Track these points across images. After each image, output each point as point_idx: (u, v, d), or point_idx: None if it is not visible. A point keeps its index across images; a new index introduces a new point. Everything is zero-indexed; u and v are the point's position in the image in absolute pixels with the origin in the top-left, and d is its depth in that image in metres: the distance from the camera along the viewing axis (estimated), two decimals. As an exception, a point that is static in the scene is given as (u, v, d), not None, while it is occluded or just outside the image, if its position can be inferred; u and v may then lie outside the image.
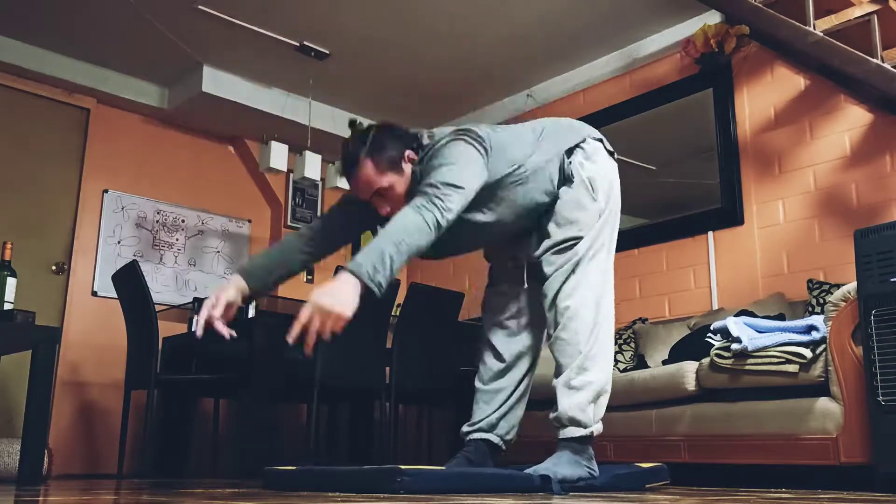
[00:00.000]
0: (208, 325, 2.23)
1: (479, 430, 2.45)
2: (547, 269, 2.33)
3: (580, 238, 2.32)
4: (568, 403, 2.22)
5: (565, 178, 2.36)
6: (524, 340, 2.50)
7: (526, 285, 2.48)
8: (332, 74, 4.96)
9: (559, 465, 2.16)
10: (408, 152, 2.25)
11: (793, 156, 3.84)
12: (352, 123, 2.31)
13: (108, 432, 4.66)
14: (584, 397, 2.23)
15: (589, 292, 2.30)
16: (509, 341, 2.50)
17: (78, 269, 4.81)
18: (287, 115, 5.16)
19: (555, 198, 2.35)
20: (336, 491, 2.05)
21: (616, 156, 2.55)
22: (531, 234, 2.42)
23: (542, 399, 2.68)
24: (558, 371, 2.30)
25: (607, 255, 2.42)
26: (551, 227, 2.34)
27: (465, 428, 2.49)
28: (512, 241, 2.49)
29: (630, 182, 4.68)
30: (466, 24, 4.38)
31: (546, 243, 2.34)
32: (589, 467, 2.21)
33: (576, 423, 2.22)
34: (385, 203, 2.24)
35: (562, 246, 2.32)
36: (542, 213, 2.37)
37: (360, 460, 4.47)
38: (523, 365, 2.51)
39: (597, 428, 2.25)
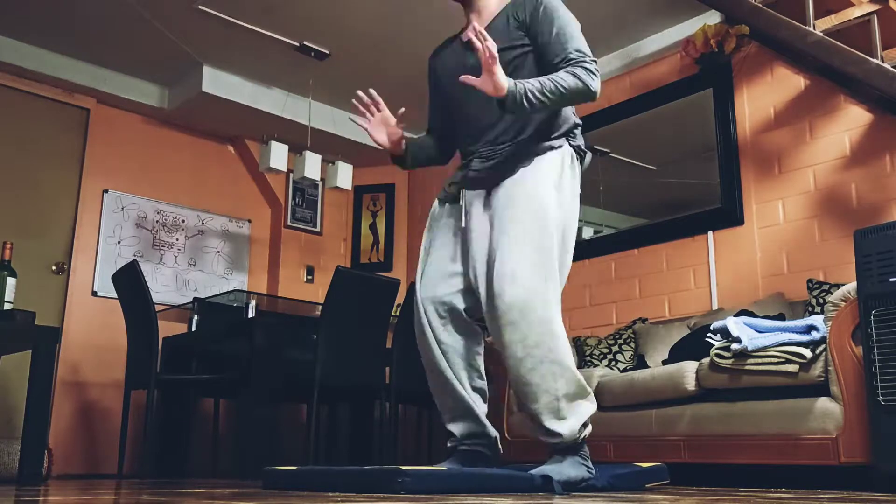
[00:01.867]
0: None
1: (469, 443, 2.43)
2: (502, 265, 2.18)
3: (533, 228, 2.20)
4: (564, 433, 2.16)
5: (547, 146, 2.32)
6: (470, 340, 2.40)
7: (464, 223, 2.35)
8: (332, 74, 4.96)
9: (562, 468, 2.15)
10: None
11: (793, 156, 3.84)
12: None
13: (108, 432, 4.67)
14: (578, 420, 2.19)
15: (554, 303, 2.18)
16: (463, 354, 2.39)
17: (78, 269, 4.82)
18: (287, 115, 5.17)
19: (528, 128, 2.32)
20: (336, 491, 2.05)
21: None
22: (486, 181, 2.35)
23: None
24: (535, 394, 2.16)
25: (565, 266, 2.31)
26: (507, 194, 2.27)
27: (450, 444, 2.47)
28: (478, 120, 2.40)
29: (630, 182, 4.73)
30: (466, 24, 4.38)
31: (499, 211, 2.26)
32: (587, 466, 2.21)
33: (572, 438, 2.20)
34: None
35: (517, 234, 2.20)
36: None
37: (360, 460, 4.47)
38: (481, 377, 2.43)
39: (588, 430, 2.24)
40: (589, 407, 2.22)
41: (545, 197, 2.25)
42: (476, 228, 2.32)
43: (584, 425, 2.21)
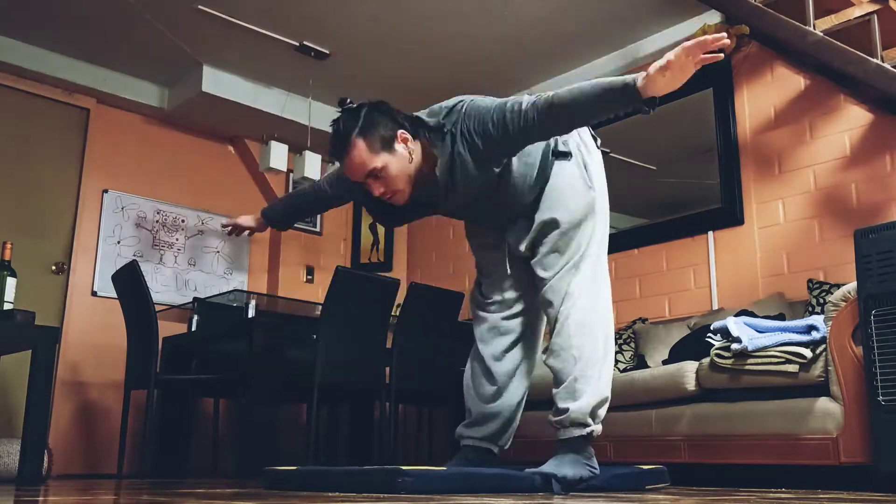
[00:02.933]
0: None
1: (481, 440, 2.45)
2: (545, 274, 2.29)
3: (572, 226, 2.27)
4: (571, 408, 2.21)
5: (554, 159, 2.32)
6: (516, 354, 2.45)
7: (510, 271, 2.42)
8: (332, 74, 4.96)
9: (562, 466, 2.16)
10: (400, 132, 2.17)
11: (793, 156, 3.84)
12: (342, 101, 2.23)
13: (108, 432, 4.66)
14: (588, 402, 2.22)
15: (590, 297, 2.27)
16: (502, 358, 2.43)
17: (78, 269, 4.81)
18: (287, 115, 5.16)
19: (544, 182, 2.30)
20: (336, 491, 2.05)
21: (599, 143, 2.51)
22: (516, 220, 2.38)
23: (542, 399, 2.68)
24: (559, 379, 2.26)
25: (603, 253, 2.38)
26: (542, 210, 2.30)
27: (463, 431, 2.48)
28: (494, 222, 2.45)
29: (630, 182, 4.72)
30: (466, 24, 4.38)
31: (537, 227, 2.29)
32: (590, 465, 2.21)
33: (578, 424, 2.21)
34: (379, 184, 2.17)
35: (556, 238, 2.27)
36: (529, 198, 2.32)
37: (360, 460, 4.47)
38: (519, 382, 2.45)
39: (598, 428, 2.25)
40: (603, 388, 2.26)
41: (578, 193, 2.30)
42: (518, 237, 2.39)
43: (594, 416, 2.23)
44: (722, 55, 1.94)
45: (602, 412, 2.26)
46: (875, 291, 2.59)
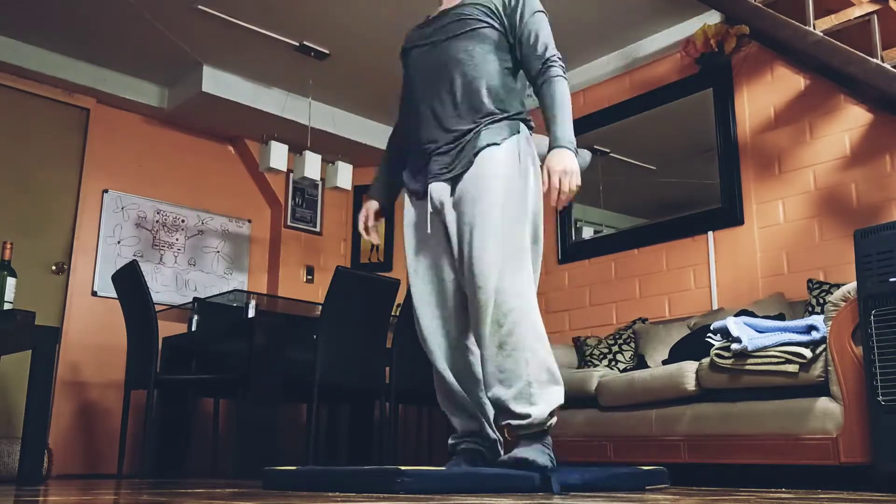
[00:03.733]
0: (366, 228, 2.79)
1: (475, 440, 2.45)
2: (488, 272, 2.22)
3: (494, 208, 2.24)
4: (532, 413, 2.19)
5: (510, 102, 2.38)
6: (464, 347, 2.43)
7: (430, 229, 2.41)
8: (332, 74, 4.96)
9: (533, 454, 2.18)
10: None
11: (793, 156, 3.84)
12: None
13: (108, 432, 4.67)
14: (546, 408, 2.21)
15: (533, 298, 2.26)
16: (452, 352, 2.42)
17: (78, 269, 4.82)
18: (287, 115, 5.16)
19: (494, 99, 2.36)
20: (336, 491, 2.05)
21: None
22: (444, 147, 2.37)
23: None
24: (507, 379, 2.21)
25: (536, 253, 2.35)
26: (467, 179, 2.30)
27: (456, 441, 2.48)
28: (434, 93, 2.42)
29: (630, 182, 4.73)
30: (466, 24, 4.38)
31: (455, 203, 2.32)
32: (550, 456, 2.22)
33: (539, 424, 2.23)
34: None
35: (480, 215, 2.24)
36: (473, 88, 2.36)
37: (360, 460, 4.47)
38: (478, 372, 2.43)
39: (554, 420, 2.26)
40: (558, 394, 2.25)
41: (512, 188, 2.29)
42: (451, 223, 2.35)
43: (552, 414, 2.24)
44: None
45: (557, 410, 2.27)
46: (875, 291, 2.59)
